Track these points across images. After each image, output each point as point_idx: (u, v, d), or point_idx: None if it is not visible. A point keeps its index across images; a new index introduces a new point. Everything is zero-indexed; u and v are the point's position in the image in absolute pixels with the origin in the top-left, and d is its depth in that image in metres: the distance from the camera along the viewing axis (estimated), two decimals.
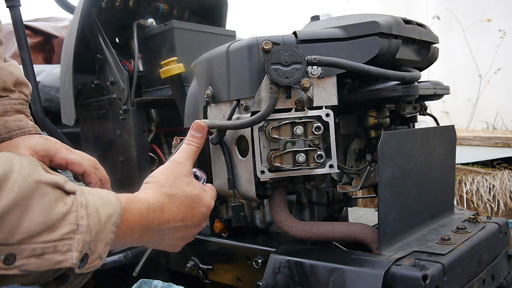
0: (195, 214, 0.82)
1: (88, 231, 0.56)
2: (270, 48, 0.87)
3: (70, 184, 0.57)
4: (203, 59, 1.06)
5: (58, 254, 0.53)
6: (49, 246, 0.52)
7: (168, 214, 0.77)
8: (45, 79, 1.86)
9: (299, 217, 1.14)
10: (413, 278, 0.78)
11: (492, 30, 3.41)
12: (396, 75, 0.93)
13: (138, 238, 0.72)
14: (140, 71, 1.59)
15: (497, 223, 1.08)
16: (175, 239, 0.81)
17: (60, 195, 0.54)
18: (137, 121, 1.49)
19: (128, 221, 0.68)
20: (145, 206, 0.72)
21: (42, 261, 0.51)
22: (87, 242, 0.56)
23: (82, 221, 0.55)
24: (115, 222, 0.62)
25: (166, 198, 0.78)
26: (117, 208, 0.64)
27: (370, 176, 1.06)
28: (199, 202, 0.83)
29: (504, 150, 2.42)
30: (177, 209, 0.79)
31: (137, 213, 0.70)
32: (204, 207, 0.84)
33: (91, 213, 0.57)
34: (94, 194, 0.61)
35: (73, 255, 0.54)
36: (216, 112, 1.02)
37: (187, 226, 0.81)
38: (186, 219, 0.80)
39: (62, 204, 0.54)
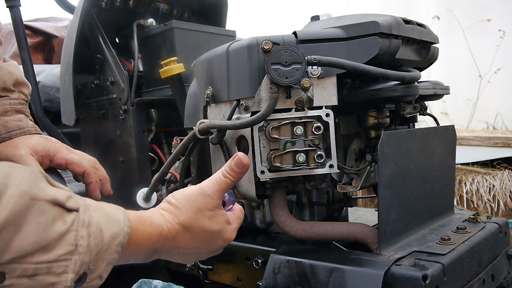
0: (210, 246, 0.79)
1: (88, 251, 0.53)
2: (270, 48, 0.87)
3: (74, 200, 0.54)
4: (203, 59, 1.06)
5: (51, 276, 0.50)
6: (42, 267, 0.49)
7: (180, 243, 0.74)
8: (45, 79, 1.86)
9: (299, 217, 1.14)
10: (413, 278, 0.78)
11: (492, 30, 3.41)
12: (396, 75, 0.93)
13: (143, 258, 0.70)
14: (140, 71, 1.59)
15: (497, 223, 1.08)
16: (186, 258, 0.80)
17: (59, 213, 0.52)
18: (137, 121, 1.49)
19: (136, 243, 0.65)
20: (157, 231, 0.69)
21: (34, 281, 0.49)
22: (85, 262, 0.53)
23: (81, 241, 0.53)
24: (120, 242, 0.59)
25: (181, 228, 0.74)
26: (124, 227, 0.61)
27: (370, 176, 1.06)
28: (217, 237, 0.79)
29: (504, 150, 2.42)
30: (191, 239, 0.75)
31: (147, 237, 0.67)
32: (222, 241, 0.80)
33: (93, 232, 0.54)
34: (100, 211, 0.58)
35: (68, 277, 0.51)
36: (216, 112, 1.02)
37: (200, 254, 0.79)
38: (199, 248, 0.77)
39: (61, 223, 0.51)
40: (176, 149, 1.08)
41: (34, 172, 0.52)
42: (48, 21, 2.45)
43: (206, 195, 0.78)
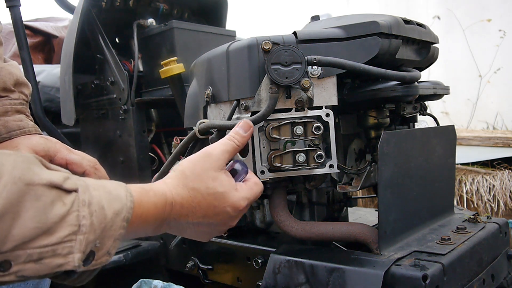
0: (219, 213, 0.76)
1: (92, 230, 0.53)
2: (270, 48, 0.87)
3: (72, 181, 0.54)
4: (203, 59, 1.06)
5: (58, 257, 0.50)
6: (47, 250, 0.49)
7: (187, 210, 0.72)
8: (45, 79, 1.87)
9: (299, 217, 1.14)
10: (413, 278, 0.78)
11: (492, 30, 3.41)
12: (396, 75, 0.93)
13: (153, 229, 0.69)
14: (140, 71, 1.60)
15: (497, 223, 1.08)
16: (198, 232, 0.77)
17: (58, 195, 0.51)
18: (137, 121, 1.49)
19: (142, 215, 0.64)
20: (161, 199, 0.68)
21: (41, 265, 0.49)
22: (91, 241, 0.53)
23: (84, 220, 0.52)
24: (125, 218, 0.59)
25: (186, 192, 0.73)
26: (127, 202, 0.60)
27: (370, 176, 1.06)
28: (223, 201, 0.75)
29: (504, 150, 2.42)
30: (197, 205, 0.73)
31: (152, 207, 0.66)
32: (230, 208, 0.76)
33: (95, 211, 0.54)
34: (101, 189, 0.57)
35: (75, 257, 0.52)
36: (216, 112, 1.02)
37: (210, 224, 0.76)
38: (207, 216, 0.75)
39: (61, 205, 0.51)
40: (176, 149, 1.08)
41: (27, 158, 0.51)
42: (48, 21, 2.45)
43: (210, 155, 0.77)
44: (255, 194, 0.82)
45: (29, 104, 1.07)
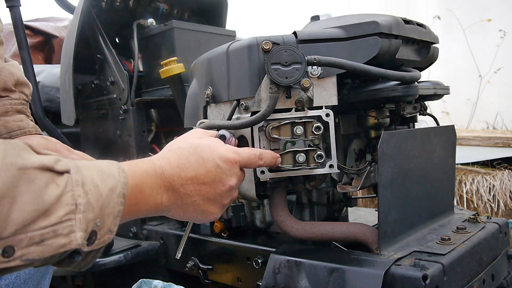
0: (210, 168, 0.74)
1: (90, 208, 0.54)
2: (270, 48, 0.87)
3: (63, 162, 0.54)
4: (203, 59, 1.06)
5: (60, 237, 0.51)
6: (48, 231, 0.50)
7: (178, 168, 0.71)
8: (45, 79, 1.87)
9: (299, 217, 1.14)
10: (413, 278, 0.78)
11: (492, 30, 3.41)
12: (396, 75, 0.93)
13: (153, 202, 0.68)
14: (140, 71, 1.60)
15: (497, 223, 1.08)
16: (200, 203, 0.74)
17: (50, 177, 0.51)
18: (137, 121, 1.49)
19: (138, 186, 0.65)
20: (150, 164, 0.69)
21: (44, 247, 0.50)
22: (91, 219, 0.54)
23: (80, 199, 0.53)
24: (121, 194, 0.59)
25: (172, 152, 0.73)
26: (120, 178, 0.60)
27: (370, 176, 1.06)
28: (210, 152, 0.75)
29: (504, 150, 2.42)
30: (186, 161, 0.72)
31: (144, 174, 0.66)
32: (218, 159, 0.75)
33: (90, 190, 0.55)
34: (93, 169, 0.58)
35: (77, 236, 0.52)
36: (216, 112, 1.02)
37: (205, 184, 0.73)
38: (200, 174, 0.73)
39: (54, 187, 0.51)
40: None
41: (16, 144, 0.51)
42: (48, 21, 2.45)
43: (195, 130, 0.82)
44: (248, 153, 0.80)
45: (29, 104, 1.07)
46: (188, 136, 0.80)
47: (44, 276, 0.99)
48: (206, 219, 0.77)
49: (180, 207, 0.73)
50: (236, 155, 0.78)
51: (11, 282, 0.91)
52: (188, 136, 0.79)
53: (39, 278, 0.98)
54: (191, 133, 0.82)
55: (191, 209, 0.74)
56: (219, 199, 0.76)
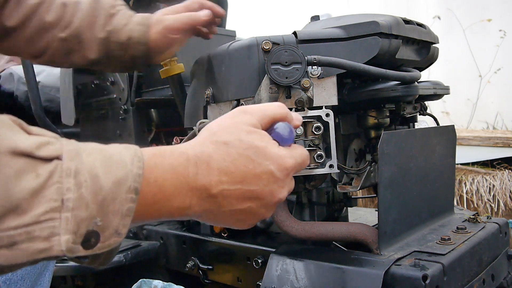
0: (260, 174, 0.57)
1: (82, 205, 0.43)
2: (270, 48, 0.87)
3: (52, 146, 0.43)
4: (203, 59, 1.06)
5: (37, 241, 0.41)
6: (19, 233, 0.40)
7: (218, 171, 0.55)
8: (45, 79, 1.87)
9: (299, 217, 1.14)
10: (413, 278, 0.78)
11: (492, 30, 3.41)
12: (396, 75, 0.93)
13: (178, 206, 0.53)
14: None
15: (497, 223, 1.08)
16: (240, 214, 0.58)
17: (27, 165, 0.41)
18: (137, 121, 1.49)
19: (157, 182, 0.50)
20: (181, 159, 0.53)
21: (15, 252, 0.40)
22: (84, 219, 0.43)
23: (69, 194, 0.42)
24: (131, 188, 0.47)
25: (215, 147, 0.56)
26: (133, 168, 0.48)
27: (370, 176, 1.06)
28: (264, 156, 0.57)
29: (504, 150, 2.42)
30: (231, 164, 0.55)
31: (169, 170, 0.52)
32: (274, 165, 0.58)
33: (85, 181, 0.43)
34: (97, 154, 0.46)
35: (61, 240, 0.42)
36: (216, 112, 1.02)
37: (252, 192, 0.57)
38: (247, 180, 0.56)
39: (32, 177, 0.41)
40: None
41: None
42: None
43: (245, 112, 0.62)
44: (303, 157, 0.64)
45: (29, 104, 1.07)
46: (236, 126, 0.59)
47: (42, 272, 0.97)
48: (238, 227, 0.63)
49: (215, 215, 0.58)
50: (294, 161, 0.61)
51: (8, 278, 0.85)
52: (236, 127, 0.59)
53: (37, 275, 0.96)
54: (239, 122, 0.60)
55: (227, 217, 0.59)
56: (263, 211, 0.60)
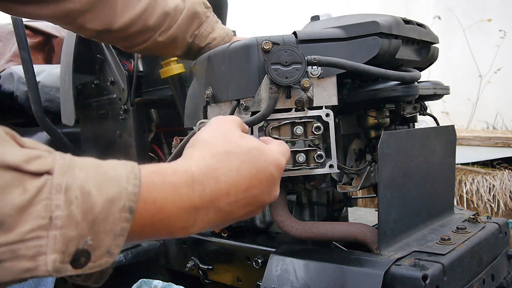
0: (263, 178, 0.58)
1: (72, 223, 0.41)
2: (270, 48, 0.87)
3: (44, 160, 0.42)
4: (203, 59, 1.06)
5: (21, 260, 0.39)
6: (3, 251, 0.38)
7: (225, 184, 0.54)
8: (45, 79, 1.86)
9: (299, 217, 1.14)
10: (413, 278, 0.78)
11: (492, 30, 3.41)
12: (396, 75, 0.93)
13: (182, 226, 0.51)
14: (140, 71, 1.59)
15: (497, 223, 1.08)
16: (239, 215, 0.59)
17: (14, 179, 0.39)
18: (137, 121, 1.49)
19: (156, 202, 0.48)
20: (184, 177, 0.51)
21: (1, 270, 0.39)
22: (73, 238, 0.41)
23: (58, 211, 0.40)
24: (126, 207, 0.45)
25: (218, 159, 0.55)
26: (128, 186, 0.45)
27: (370, 176, 1.06)
28: (263, 158, 0.59)
29: (504, 150, 2.42)
30: (237, 173, 0.55)
31: (171, 189, 0.50)
32: (272, 166, 0.60)
33: (76, 198, 0.42)
34: (91, 170, 0.44)
35: (48, 259, 0.40)
36: (216, 112, 1.02)
37: (255, 197, 0.58)
38: (252, 187, 0.57)
39: (18, 193, 0.39)
40: (176, 149, 1.08)
41: None
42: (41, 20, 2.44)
43: (225, 120, 0.65)
44: (289, 152, 0.69)
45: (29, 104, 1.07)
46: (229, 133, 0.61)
47: None
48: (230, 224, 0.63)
49: (218, 225, 0.58)
50: (285, 159, 0.65)
51: None
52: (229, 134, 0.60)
53: None
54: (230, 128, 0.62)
55: (228, 223, 0.59)
56: (258, 210, 0.62)
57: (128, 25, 1.02)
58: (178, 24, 1.08)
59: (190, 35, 1.12)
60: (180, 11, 1.08)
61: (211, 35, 1.13)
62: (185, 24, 1.09)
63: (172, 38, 1.09)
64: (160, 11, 1.05)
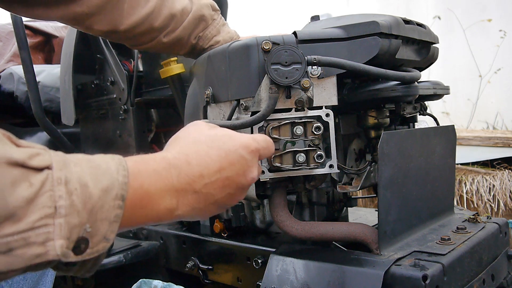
0: (233, 160, 0.65)
1: (74, 212, 0.46)
2: (270, 48, 0.87)
3: (42, 157, 0.46)
4: (203, 59, 1.06)
5: (33, 246, 0.43)
6: (16, 239, 0.42)
7: (198, 166, 0.61)
8: (45, 79, 1.86)
9: (299, 217, 1.14)
10: (413, 278, 0.78)
11: (492, 30, 3.41)
12: (396, 75, 0.93)
13: (166, 208, 0.58)
14: (140, 71, 1.59)
15: (497, 223, 1.08)
16: (222, 200, 0.65)
17: (21, 174, 0.43)
18: (137, 121, 1.49)
19: (143, 187, 0.55)
20: (163, 163, 0.58)
21: (13, 258, 0.43)
22: (75, 225, 0.46)
23: (61, 201, 0.45)
24: (118, 195, 0.50)
25: (188, 147, 0.64)
26: (118, 177, 0.51)
27: (370, 176, 1.06)
28: (232, 143, 0.66)
29: (504, 150, 2.42)
30: (206, 157, 0.62)
31: (154, 175, 0.56)
32: (241, 149, 0.66)
33: (75, 189, 0.46)
34: (85, 164, 0.49)
35: (56, 244, 0.44)
36: (216, 112, 1.02)
37: (229, 179, 0.64)
38: (223, 168, 0.63)
39: (26, 186, 0.43)
40: None
41: None
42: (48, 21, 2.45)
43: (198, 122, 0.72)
44: (266, 141, 0.74)
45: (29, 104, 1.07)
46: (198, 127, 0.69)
47: (45, 272, 0.98)
48: (219, 212, 0.71)
49: (201, 210, 0.63)
50: (256, 143, 0.70)
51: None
52: (198, 128, 0.69)
53: (40, 274, 0.97)
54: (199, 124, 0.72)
55: (212, 208, 0.65)
56: (239, 193, 0.68)
57: (134, 26, 1.04)
58: (184, 26, 1.10)
59: (195, 37, 1.13)
60: (187, 13, 1.09)
61: (216, 38, 1.14)
62: (191, 26, 1.11)
63: (177, 39, 1.11)
64: (166, 13, 1.06)
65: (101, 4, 0.97)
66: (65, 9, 0.95)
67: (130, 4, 1.01)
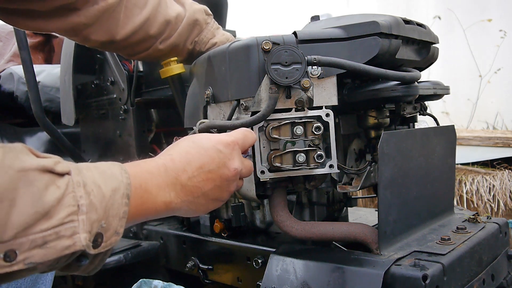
0: (212, 155, 0.73)
1: (93, 209, 0.54)
2: (270, 48, 0.87)
3: (63, 164, 0.54)
4: (203, 59, 1.06)
5: (63, 239, 0.51)
6: (50, 233, 0.50)
7: (180, 163, 0.70)
8: (45, 79, 1.86)
9: (299, 217, 1.14)
10: (413, 278, 0.78)
11: (492, 30, 3.41)
12: (396, 75, 0.93)
13: (162, 201, 0.67)
14: (140, 71, 1.59)
15: (497, 223, 1.08)
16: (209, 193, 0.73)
17: (50, 179, 0.51)
18: (137, 121, 1.49)
19: (141, 186, 0.64)
20: (153, 164, 0.68)
21: (47, 250, 0.50)
22: (94, 220, 0.54)
23: (82, 200, 0.53)
24: (124, 194, 0.59)
25: (172, 149, 0.74)
26: (123, 179, 0.60)
27: (370, 176, 1.06)
28: (206, 139, 0.75)
29: (504, 150, 2.42)
30: (188, 154, 0.72)
31: (148, 174, 0.66)
32: (218, 144, 0.75)
33: (92, 190, 0.54)
34: (94, 170, 0.58)
35: (81, 237, 0.52)
36: (216, 112, 1.02)
37: (211, 172, 0.73)
38: (205, 163, 0.72)
39: (55, 188, 0.51)
40: None
41: (15, 147, 0.51)
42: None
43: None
44: (242, 133, 0.81)
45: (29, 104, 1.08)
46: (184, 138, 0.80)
47: None
48: (215, 206, 0.78)
49: (192, 203, 0.72)
50: (231, 137, 0.78)
51: None
52: (184, 138, 0.79)
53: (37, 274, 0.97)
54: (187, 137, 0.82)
55: (203, 201, 0.74)
56: (226, 185, 0.76)
57: (130, 35, 1.07)
58: (179, 32, 1.13)
59: (191, 42, 1.16)
60: (181, 19, 1.12)
61: (212, 40, 1.17)
62: (186, 32, 1.14)
63: (173, 46, 1.14)
64: (161, 20, 1.09)
65: (98, 15, 1.00)
66: (64, 20, 0.98)
67: (125, 14, 1.04)
